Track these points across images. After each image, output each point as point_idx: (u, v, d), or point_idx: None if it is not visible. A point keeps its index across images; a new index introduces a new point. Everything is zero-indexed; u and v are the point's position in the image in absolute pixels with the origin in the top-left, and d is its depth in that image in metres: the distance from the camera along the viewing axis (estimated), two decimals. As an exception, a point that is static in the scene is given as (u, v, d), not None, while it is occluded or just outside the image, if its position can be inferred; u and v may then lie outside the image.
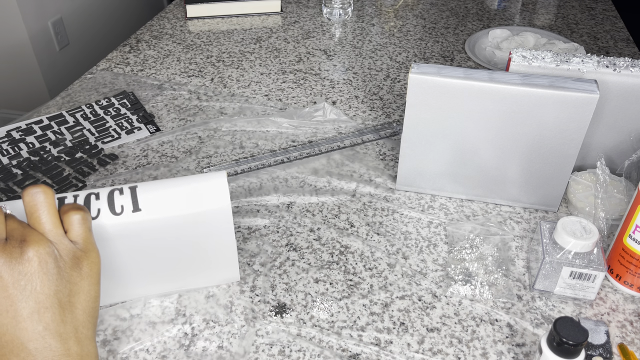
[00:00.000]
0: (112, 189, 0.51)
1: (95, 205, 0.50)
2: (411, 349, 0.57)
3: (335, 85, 1.01)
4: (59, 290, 0.42)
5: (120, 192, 0.51)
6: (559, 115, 0.65)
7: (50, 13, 2.07)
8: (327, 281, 0.64)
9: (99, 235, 0.50)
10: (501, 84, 0.65)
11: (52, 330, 0.41)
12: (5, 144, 0.85)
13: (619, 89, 0.71)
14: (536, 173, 0.71)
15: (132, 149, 0.85)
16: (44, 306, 0.41)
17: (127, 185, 0.52)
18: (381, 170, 0.81)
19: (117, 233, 0.51)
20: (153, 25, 1.23)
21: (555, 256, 0.60)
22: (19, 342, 0.40)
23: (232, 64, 1.08)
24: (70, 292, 0.43)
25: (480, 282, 0.64)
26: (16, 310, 0.41)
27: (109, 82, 1.02)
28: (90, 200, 0.50)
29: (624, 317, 0.61)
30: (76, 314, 0.43)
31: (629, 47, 1.15)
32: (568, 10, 1.32)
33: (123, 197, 0.51)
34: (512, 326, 0.60)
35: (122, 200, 0.50)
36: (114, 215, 0.50)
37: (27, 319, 0.41)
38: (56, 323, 0.42)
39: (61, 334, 0.42)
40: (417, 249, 0.69)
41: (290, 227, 0.72)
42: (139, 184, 0.52)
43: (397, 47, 1.15)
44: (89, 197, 0.51)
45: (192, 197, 0.53)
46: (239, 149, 0.85)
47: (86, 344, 0.43)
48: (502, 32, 1.15)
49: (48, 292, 0.42)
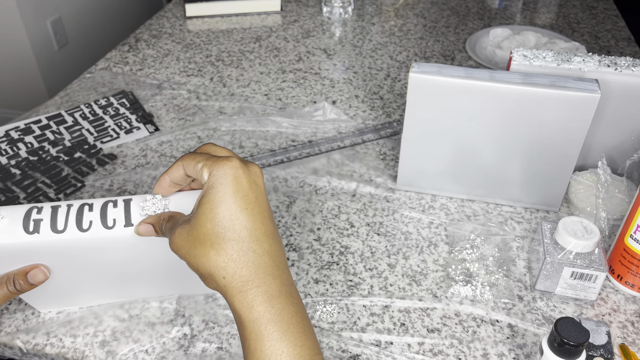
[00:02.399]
0: (106, 201, 0.50)
1: (87, 217, 0.49)
2: (412, 350, 0.57)
3: (335, 85, 1.01)
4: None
5: (114, 204, 0.50)
6: (560, 115, 0.65)
7: (49, 12, 2.06)
8: (327, 282, 0.64)
9: (90, 246, 0.50)
10: (502, 83, 0.65)
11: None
12: (4, 144, 0.84)
13: (620, 89, 0.71)
14: (537, 173, 0.71)
15: (131, 149, 0.85)
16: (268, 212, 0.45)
17: (122, 198, 0.51)
18: (381, 170, 0.81)
19: (109, 246, 0.50)
20: (152, 25, 1.23)
21: (556, 256, 0.59)
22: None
23: (231, 63, 1.08)
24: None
25: (481, 283, 0.64)
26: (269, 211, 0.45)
27: (108, 81, 1.02)
28: (83, 211, 0.49)
29: (625, 318, 0.61)
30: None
31: (630, 47, 1.14)
32: (569, 9, 1.32)
33: (116, 210, 0.50)
34: (513, 327, 0.59)
35: (115, 214, 0.49)
36: (105, 229, 0.49)
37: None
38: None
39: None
40: (418, 250, 0.68)
41: (290, 227, 0.71)
42: (134, 197, 0.51)
43: (397, 46, 1.14)
44: (82, 208, 0.50)
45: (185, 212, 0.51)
46: (238, 148, 0.85)
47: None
48: (503, 31, 1.15)
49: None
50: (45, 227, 0.48)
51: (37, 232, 0.48)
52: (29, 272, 0.50)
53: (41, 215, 0.49)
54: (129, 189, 0.77)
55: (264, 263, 0.42)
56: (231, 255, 0.41)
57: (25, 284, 0.49)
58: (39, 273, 0.50)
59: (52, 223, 0.49)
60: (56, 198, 0.75)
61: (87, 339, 0.58)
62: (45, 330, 0.59)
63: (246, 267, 0.41)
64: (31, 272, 0.50)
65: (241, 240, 0.42)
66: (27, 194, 0.76)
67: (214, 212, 0.42)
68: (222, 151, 0.46)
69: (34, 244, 0.48)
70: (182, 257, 0.43)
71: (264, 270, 0.42)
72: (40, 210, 0.49)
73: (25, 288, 0.50)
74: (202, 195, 0.43)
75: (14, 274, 0.49)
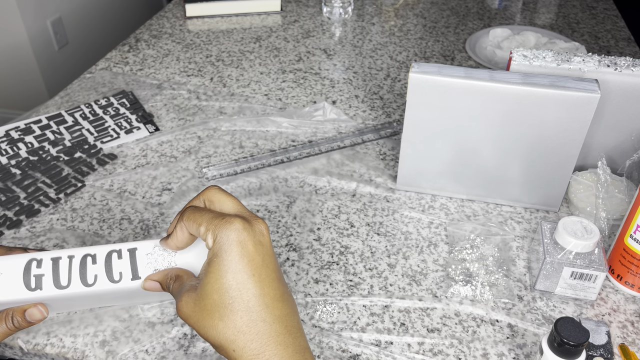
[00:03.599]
0: (110, 251, 0.48)
1: (91, 271, 0.47)
2: (411, 350, 0.57)
3: (335, 85, 1.01)
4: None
5: (118, 255, 0.48)
6: (560, 115, 0.65)
7: (49, 12, 2.06)
8: (327, 282, 0.64)
9: (95, 297, 0.48)
10: (502, 83, 0.65)
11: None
12: (4, 144, 0.84)
13: (620, 89, 0.71)
14: (537, 173, 0.71)
15: (131, 149, 0.85)
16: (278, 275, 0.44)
17: (126, 247, 0.48)
18: (381, 170, 0.81)
19: (115, 296, 0.49)
20: (152, 25, 1.23)
21: (556, 256, 0.59)
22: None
23: (231, 63, 1.08)
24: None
25: (481, 283, 0.64)
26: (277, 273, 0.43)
27: (108, 81, 1.02)
28: (86, 263, 0.47)
29: (625, 318, 0.61)
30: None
31: (630, 47, 1.14)
32: (569, 9, 1.32)
33: (121, 262, 0.48)
34: (513, 327, 0.59)
35: (121, 266, 0.47)
36: (111, 283, 0.47)
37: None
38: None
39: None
40: (418, 249, 0.68)
41: (290, 227, 0.71)
42: (138, 245, 0.49)
43: (397, 46, 1.14)
44: (85, 259, 0.48)
45: (194, 265, 0.49)
46: (238, 148, 0.85)
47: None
48: (502, 32, 1.15)
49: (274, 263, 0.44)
50: (48, 282, 0.46)
51: (39, 288, 0.46)
52: (26, 310, 0.49)
53: (42, 269, 0.46)
54: (129, 189, 0.77)
55: (274, 332, 0.41)
56: (240, 328, 0.40)
57: (23, 321, 0.48)
58: (37, 313, 0.48)
59: (54, 278, 0.46)
60: (56, 198, 0.75)
61: (87, 338, 0.58)
62: (45, 330, 0.59)
63: (256, 339, 0.40)
64: (29, 310, 0.48)
65: (250, 310, 0.40)
66: (28, 194, 0.76)
67: (220, 282, 0.40)
68: (226, 202, 0.44)
69: (37, 300, 0.47)
70: (191, 326, 0.42)
71: (275, 340, 0.40)
72: (40, 264, 0.47)
73: (22, 325, 0.48)
74: (208, 262, 0.42)
75: (13, 310, 0.48)
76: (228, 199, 0.45)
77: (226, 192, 0.45)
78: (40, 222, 0.72)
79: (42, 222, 0.72)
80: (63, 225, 0.71)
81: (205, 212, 0.43)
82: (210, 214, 0.43)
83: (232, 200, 0.44)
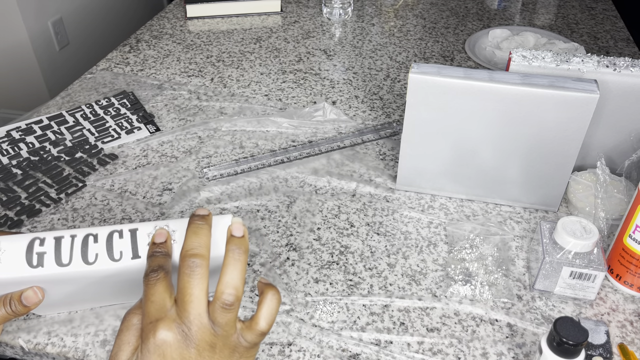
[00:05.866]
0: (112, 231, 0.49)
1: (93, 250, 0.48)
2: (411, 349, 0.57)
3: (335, 85, 1.01)
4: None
5: (120, 234, 0.49)
6: (559, 115, 0.65)
7: (50, 13, 2.07)
8: (327, 281, 0.64)
9: (96, 277, 0.49)
10: (501, 83, 0.65)
11: None
12: (5, 144, 0.85)
13: (619, 89, 0.71)
14: (536, 173, 0.71)
15: (132, 149, 0.85)
16: None
17: (128, 227, 0.49)
18: (381, 170, 0.81)
19: (116, 277, 0.49)
20: (153, 25, 1.23)
21: (555, 256, 0.60)
22: None
23: (232, 63, 1.08)
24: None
25: (480, 282, 0.64)
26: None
27: (109, 82, 1.02)
28: (88, 242, 0.48)
29: (624, 317, 0.61)
30: None
31: (629, 47, 1.15)
32: (568, 10, 1.32)
33: (122, 242, 0.48)
34: (512, 326, 0.60)
35: (122, 245, 0.48)
36: (112, 261, 0.48)
37: None
38: None
39: None
40: (417, 249, 0.69)
41: (290, 227, 0.72)
42: (139, 226, 0.49)
43: (397, 47, 1.15)
44: (87, 238, 0.48)
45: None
46: (238, 148, 0.85)
47: None
48: (502, 32, 1.15)
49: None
50: (50, 260, 0.47)
51: (41, 265, 0.47)
52: (23, 293, 0.49)
53: (44, 247, 0.47)
54: (129, 189, 0.77)
55: None
56: None
57: (20, 305, 0.49)
58: (32, 295, 0.49)
59: (56, 256, 0.47)
60: (57, 198, 0.75)
61: (88, 338, 0.58)
62: (46, 329, 0.59)
63: None
64: (25, 293, 0.49)
65: None
66: (29, 194, 0.76)
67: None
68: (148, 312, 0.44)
69: (38, 277, 0.47)
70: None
71: None
72: (42, 242, 0.48)
73: (19, 310, 0.49)
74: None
75: (11, 295, 0.49)
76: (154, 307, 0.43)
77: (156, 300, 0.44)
78: (41, 222, 0.72)
79: (43, 222, 0.72)
80: (64, 225, 0.72)
81: (135, 332, 0.43)
82: (138, 335, 0.43)
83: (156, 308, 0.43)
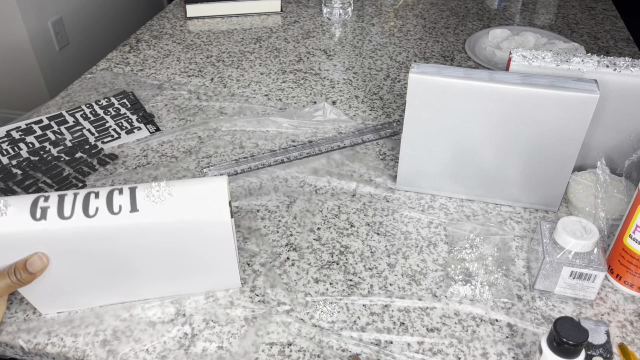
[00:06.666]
0: (112, 189, 0.52)
1: (93, 204, 0.50)
2: (411, 349, 0.57)
3: (335, 85, 1.01)
4: None
5: (120, 192, 0.51)
6: (559, 115, 0.65)
7: (50, 13, 2.07)
8: (327, 281, 0.64)
9: (96, 233, 0.51)
10: (501, 83, 0.65)
11: None
12: (5, 144, 0.85)
13: (619, 89, 0.71)
14: (536, 173, 0.71)
15: (132, 149, 0.85)
16: None
17: (128, 186, 0.52)
18: (381, 170, 0.81)
19: (114, 233, 0.51)
20: (153, 25, 1.23)
21: (555, 256, 0.60)
22: None
23: (232, 63, 1.08)
24: None
25: (481, 282, 0.64)
26: None
27: (109, 82, 1.02)
28: (89, 198, 0.51)
29: (624, 317, 0.61)
30: None
31: (629, 47, 1.14)
32: (568, 10, 1.32)
33: (122, 197, 0.51)
34: (512, 326, 0.60)
35: (121, 200, 0.51)
36: (111, 215, 0.50)
37: None
38: None
39: None
40: (417, 249, 0.69)
41: (290, 227, 0.72)
42: (139, 185, 0.52)
43: (397, 46, 1.15)
44: (89, 196, 0.51)
45: (191, 202, 0.52)
46: (238, 148, 0.85)
47: None
48: (502, 32, 1.15)
49: None
50: (52, 214, 0.49)
51: (44, 218, 0.49)
52: (28, 260, 0.50)
53: (48, 203, 0.50)
54: (129, 189, 0.77)
55: None
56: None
57: (24, 273, 0.50)
58: (37, 260, 0.50)
59: (59, 210, 0.49)
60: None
61: (88, 338, 0.58)
62: (46, 329, 0.59)
63: None
64: (29, 260, 0.50)
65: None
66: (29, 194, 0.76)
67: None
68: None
69: (41, 232, 0.49)
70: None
71: None
72: (47, 199, 0.50)
73: (25, 278, 0.50)
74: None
75: (16, 264, 0.50)
76: None
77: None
78: (41, 222, 0.72)
79: (43, 222, 0.72)
80: (64, 225, 0.72)
81: None
82: None
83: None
